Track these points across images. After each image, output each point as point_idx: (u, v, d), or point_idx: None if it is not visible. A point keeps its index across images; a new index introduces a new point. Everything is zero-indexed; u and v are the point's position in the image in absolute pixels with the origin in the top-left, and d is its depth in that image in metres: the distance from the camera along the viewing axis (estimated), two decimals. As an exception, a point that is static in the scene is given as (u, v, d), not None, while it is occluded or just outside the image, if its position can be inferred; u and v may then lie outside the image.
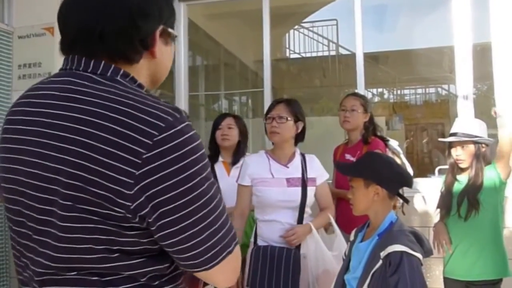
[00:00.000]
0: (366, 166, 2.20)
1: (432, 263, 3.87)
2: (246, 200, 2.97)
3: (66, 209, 0.92)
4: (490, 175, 2.88)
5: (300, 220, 2.86)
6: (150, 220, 0.91)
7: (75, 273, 0.95)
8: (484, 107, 4.35)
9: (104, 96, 0.93)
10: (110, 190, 0.89)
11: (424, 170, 7.39)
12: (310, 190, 2.89)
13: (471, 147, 2.91)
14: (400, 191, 2.26)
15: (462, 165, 2.98)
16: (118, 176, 0.88)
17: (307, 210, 2.90)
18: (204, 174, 0.93)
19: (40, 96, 1.00)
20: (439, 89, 10.64)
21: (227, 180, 3.54)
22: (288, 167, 2.93)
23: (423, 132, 9.76)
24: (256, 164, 2.97)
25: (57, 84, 1.00)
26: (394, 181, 2.15)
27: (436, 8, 5.98)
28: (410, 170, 3.58)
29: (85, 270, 0.95)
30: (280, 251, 2.78)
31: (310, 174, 2.92)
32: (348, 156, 3.48)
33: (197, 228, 0.93)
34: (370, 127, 3.54)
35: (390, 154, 3.42)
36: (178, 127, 0.91)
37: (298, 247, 2.79)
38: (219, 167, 3.60)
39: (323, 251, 2.78)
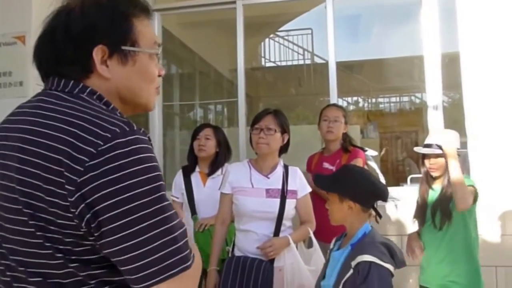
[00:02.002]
0: (341, 181, 2.26)
1: (407, 272, 3.92)
2: (227, 208, 2.97)
3: (28, 217, 0.95)
4: None
5: (276, 232, 2.84)
6: (93, 226, 0.91)
7: (41, 279, 0.97)
8: (455, 116, 4.43)
9: (62, 111, 0.99)
10: (59, 196, 0.91)
11: (399, 179, 7.48)
12: (290, 203, 2.88)
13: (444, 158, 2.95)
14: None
15: (434, 174, 3.02)
16: (65, 183, 0.91)
17: (286, 222, 2.88)
18: (147, 187, 0.92)
19: (16, 113, 1.08)
20: (413, 98, 10.78)
21: (203, 190, 3.55)
22: (269, 178, 2.92)
23: (398, 140, 9.89)
24: (237, 172, 2.96)
25: (32, 102, 1.07)
26: (368, 196, 2.22)
27: (406, 19, 6.08)
28: (382, 179, 3.63)
29: (50, 278, 0.97)
30: (251, 262, 2.77)
31: (291, 186, 2.91)
32: (326, 165, 3.52)
33: (132, 242, 0.90)
34: (347, 137, 3.60)
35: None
36: (123, 139, 0.93)
37: (271, 260, 2.78)
38: (196, 178, 3.61)
39: (300, 265, 2.77)
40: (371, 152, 3.61)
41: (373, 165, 3.60)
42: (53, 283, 0.97)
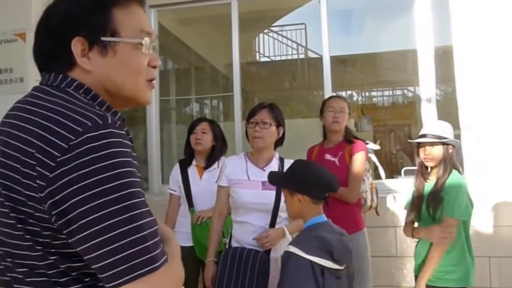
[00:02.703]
0: (289, 176, 2.39)
1: (402, 262, 3.98)
2: (224, 201, 3.01)
3: (9, 209, 0.96)
4: (453, 181, 2.91)
5: (272, 224, 2.87)
6: (60, 222, 0.90)
7: (27, 269, 0.98)
8: (449, 109, 4.47)
9: (44, 105, 0.99)
10: (34, 190, 0.91)
11: (392, 171, 7.54)
12: None
13: (439, 148, 2.96)
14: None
15: (429, 164, 3.01)
16: (37, 177, 0.91)
17: (281, 214, 2.90)
18: (115, 183, 0.89)
19: (11, 109, 1.07)
20: (406, 91, 10.84)
21: (199, 183, 3.58)
22: (264, 171, 2.93)
23: (391, 133, 9.95)
24: (233, 165, 3.00)
25: (24, 97, 1.07)
26: (314, 188, 2.31)
27: (399, 13, 6.11)
28: (381, 172, 3.67)
29: (35, 269, 0.97)
30: (248, 253, 2.80)
31: None
32: (328, 157, 3.48)
33: (99, 240, 0.87)
34: (348, 129, 3.59)
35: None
36: (95, 133, 0.91)
37: (268, 251, 2.80)
38: (192, 171, 3.64)
39: None
40: (372, 146, 3.59)
41: (374, 158, 3.62)
42: (39, 273, 0.97)
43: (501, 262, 3.76)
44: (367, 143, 3.57)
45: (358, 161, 3.37)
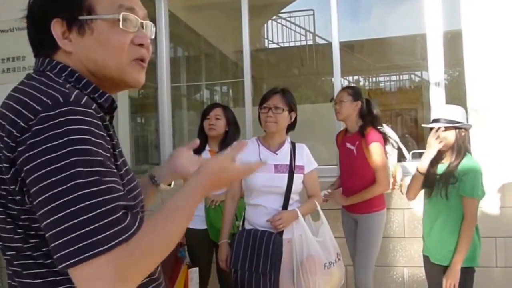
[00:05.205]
0: None
1: (409, 243, 4.04)
2: (237, 184, 3.08)
3: None
4: (469, 164, 2.94)
5: (285, 206, 2.93)
6: (29, 201, 0.91)
7: (14, 252, 1.00)
8: (456, 92, 4.49)
9: (19, 89, 1.01)
10: (3, 172, 0.93)
11: (399, 154, 7.56)
12: (297, 178, 2.97)
13: (452, 132, 2.98)
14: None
15: (443, 148, 3.03)
16: (4, 160, 0.92)
17: (294, 196, 2.97)
18: (65, 162, 0.86)
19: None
20: (413, 76, 10.81)
21: (213, 168, 3.64)
22: (277, 154, 3.00)
23: (397, 117, 9.95)
24: (246, 149, 3.04)
25: (16, 85, 1.07)
26: None
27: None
28: (405, 153, 3.75)
29: (21, 251, 0.99)
30: (262, 234, 2.86)
31: (298, 162, 2.99)
32: (348, 145, 3.60)
33: (49, 220, 0.85)
34: (369, 117, 3.62)
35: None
36: (53, 112, 0.89)
37: (281, 232, 2.87)
38: (206, 156, 3.65)
39: (308, 237, 2.87)
40: (388, 131, 3.66)
41: (396, 138, 3.72)
42: (25, 256, 0.98)
43: (507, 242, 3.83)
44: (384, 132, 3.59)
45: (374, 153, 3.43)
